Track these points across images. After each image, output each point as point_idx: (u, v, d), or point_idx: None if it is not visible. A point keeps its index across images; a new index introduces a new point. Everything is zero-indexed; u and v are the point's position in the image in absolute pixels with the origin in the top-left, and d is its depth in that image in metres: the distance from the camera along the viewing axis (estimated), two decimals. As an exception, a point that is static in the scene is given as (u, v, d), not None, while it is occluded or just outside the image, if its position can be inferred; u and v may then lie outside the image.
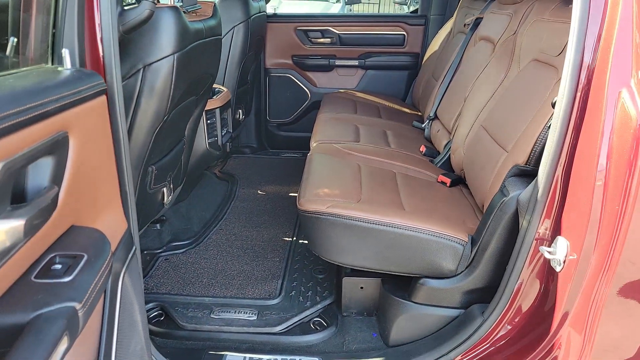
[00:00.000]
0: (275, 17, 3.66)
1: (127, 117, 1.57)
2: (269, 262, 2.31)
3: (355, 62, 3.68)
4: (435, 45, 3.43)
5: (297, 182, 2.15)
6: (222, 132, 2.68)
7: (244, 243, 2.47)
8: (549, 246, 1.41)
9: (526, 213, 1.45)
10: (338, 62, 3.69)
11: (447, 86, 2.68)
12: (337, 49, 3.68)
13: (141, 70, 1.56)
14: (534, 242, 1.45)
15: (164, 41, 1.56)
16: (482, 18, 2.64)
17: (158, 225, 2.46)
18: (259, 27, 3.22)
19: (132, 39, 1.53)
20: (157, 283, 2.13)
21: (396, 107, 3.43)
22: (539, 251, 1.44)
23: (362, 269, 1.74)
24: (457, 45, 2.90)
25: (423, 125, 2.79)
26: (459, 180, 2.14)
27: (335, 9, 9.72)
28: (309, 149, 2.44)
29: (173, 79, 1.61)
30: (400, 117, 3.14)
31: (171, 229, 2.50)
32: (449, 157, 2.29)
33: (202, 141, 2.49)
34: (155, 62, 1.56)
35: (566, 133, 1.32)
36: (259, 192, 3.10)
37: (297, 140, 3.87)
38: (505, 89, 1.98)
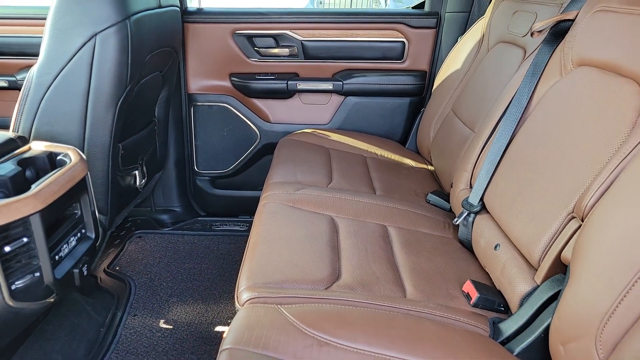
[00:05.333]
0: (200, 15, 2.30)
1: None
2: None
3: (329, 85, 2.37)
4: (453, 60, 2.15)
5: (231, 290, 1.56)
6: (58, 256, 1.31)
7: None
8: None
9: None
10: (302, 85, 2.37)
11: (505, 150, 1.40)
12: (300, 64, 2.37)
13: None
14: None
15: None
16: (571, 21, 1.36)
17: None
18: (157, 32, 1.87)
19: None
20: None
21: (393, 158, 2.14)
22: None
23: None
24: (505, 69, 1.64)
25: (456, 221, 1.49)
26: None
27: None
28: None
29: None
30: (404, 183, 1.85)
31: None
32: (539, 345, 1.01)
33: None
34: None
35: None
36: (161, 324, 1.77)
37: (241, 202, 2.56)
38: None
